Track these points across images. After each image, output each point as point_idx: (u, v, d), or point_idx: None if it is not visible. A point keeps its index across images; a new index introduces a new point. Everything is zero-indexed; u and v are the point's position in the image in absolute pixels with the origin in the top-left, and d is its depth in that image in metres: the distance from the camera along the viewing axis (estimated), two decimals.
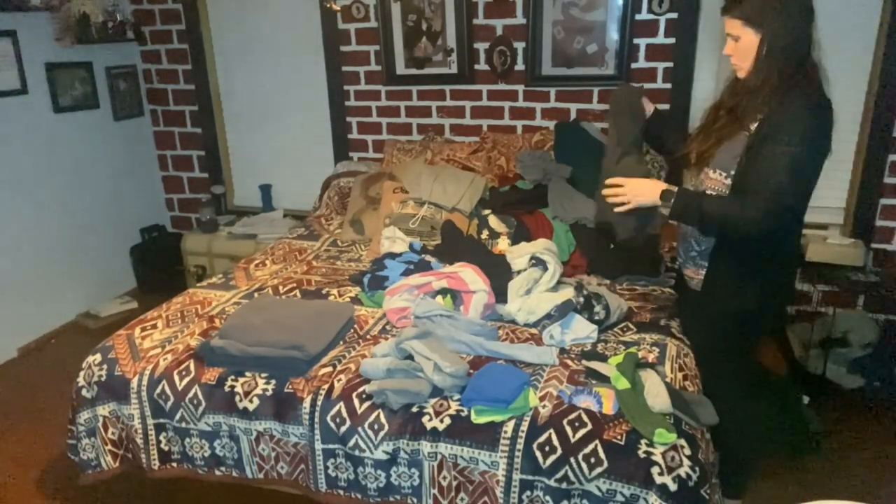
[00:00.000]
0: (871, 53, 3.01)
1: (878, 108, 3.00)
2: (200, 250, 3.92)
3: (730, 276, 1.91)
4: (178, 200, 4.53)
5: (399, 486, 1.83)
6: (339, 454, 1.87)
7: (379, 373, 1.88)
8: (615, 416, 1.72)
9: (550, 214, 2.88)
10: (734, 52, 1.82)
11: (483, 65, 3.57)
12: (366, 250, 3.00)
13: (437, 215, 3.01)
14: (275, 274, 2.76)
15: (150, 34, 4.14)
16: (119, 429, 2.11)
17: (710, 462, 1.76)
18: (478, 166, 3.37)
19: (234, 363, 2.02)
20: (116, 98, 4.04)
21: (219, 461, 2.02)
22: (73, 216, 3.81)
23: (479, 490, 1.75)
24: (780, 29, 1.72)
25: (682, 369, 1.98)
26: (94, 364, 2.13)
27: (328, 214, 3.50)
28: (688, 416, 1.73)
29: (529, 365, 1.97)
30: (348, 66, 3.82)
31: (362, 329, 2.24)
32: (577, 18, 3.34)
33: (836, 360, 2.91)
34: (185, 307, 2.44)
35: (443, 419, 1.78)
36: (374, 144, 3.96)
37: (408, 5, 3.55)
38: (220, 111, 4.24)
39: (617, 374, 1.82)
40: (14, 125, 3.41)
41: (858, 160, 3.12)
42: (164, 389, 2.02)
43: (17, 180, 3.45)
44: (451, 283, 2.33)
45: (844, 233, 3.20)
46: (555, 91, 3.51)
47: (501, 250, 2.70)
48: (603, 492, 1.63)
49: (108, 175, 4.04)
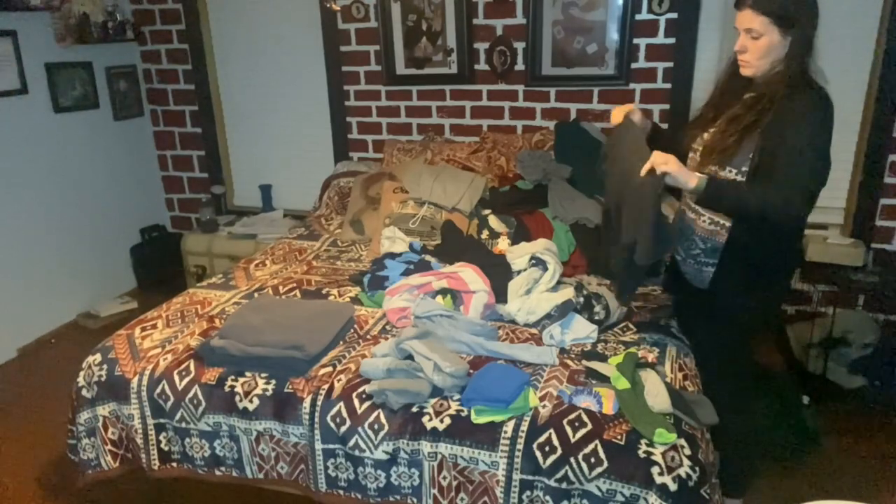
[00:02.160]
0: (871, 53, 3.01)
1: (878, 108, 3.00)
2: (200, 250, 3.92)
3: (739, 273, 1.90)
4: (178, 200, 4.53)
5: (399, 486, 1.83)
6: (339, 454, 1.87)
7: (379, 373, 1.88)
8: (615, 416, 1.72)
9: (550, 214, 2.88)
10: (750, 49, 1.77)
11: (483, 65, 3.57)
12: (366, 250, 3.00)
13: (437, 215, 3.01)
14: (275, 274, 2.76)
15: (150, 34, 4.14)
16: (119, 429, 2.11)
17: (711, 462, 1.76)
18: (478, 166, 3.37)
19: (234, 363, 2.02)
20: (116, 98, 4.04)
21: (219, 461, 2.02)
22: (74, 216, 3.81)
23: (479, 490, 1.75)
24: (803, 31, 1.72)
25: (682, 369, 1.98)
26: (94, 364, 2.13)
27: (328, 214, 3.50)
28: (688, 416, 1.73)
29: (529, 365, 1.97)
30: (348, 66, 3.82)
31: (362, 329, 2.24)
32: (577, 18, 3.34)
33: (836, 360, 2.91)
34: (185, 307, 2.44)
35: (443, 419, 1.78)
36: (374, 144, 3.96)
37: (408, 5, 3.55)
38: (220, 111, 4.24)
39: (617, 374, 1.82)
40: (14, 125, 3.41)
41: (858, 160, 3.12)
42: (164, 389, 2.02)
43: (17, 180, 3.45)
44: (451, 283, 2.33)
45: (844, 233, 3.20)
46: (555, 91, 3.51)
47: (501, 250, 2.70)
48: (603, 492, 1.63)
49: (108, 175, 4.04)
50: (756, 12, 1.73)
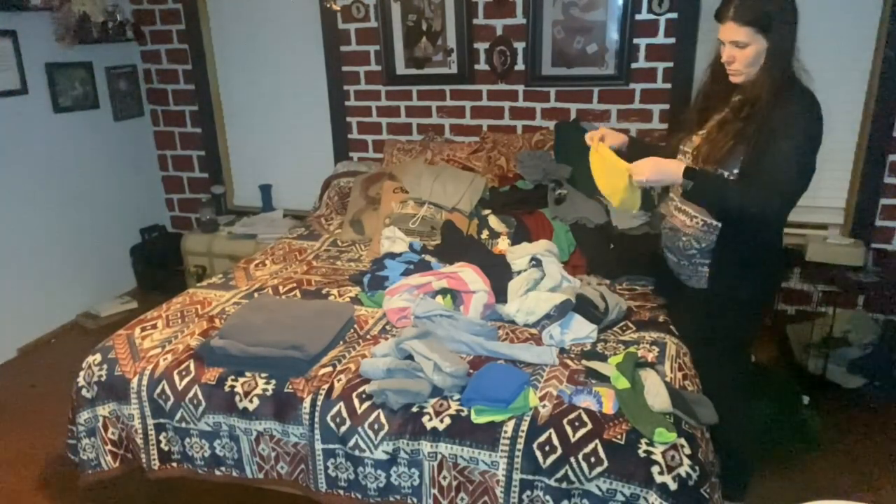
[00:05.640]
0: (871, 53, 3.01)
1: (878, 108, 3.00)
2: (200, 250, 3.92)
3: (733, 269, 1.94)
4: (178, 200, 4.53)
5: (399, 486, 1.83)
6: (339, 454, 1.87)
7: (379, 373, 1.88)
8: (615, 415, 1.72)
9: (550, 214, 2.88)
10: (738, 60, 1.81)
11: (483, 65, 3.58)
12: (366, 250, 3.00)
13: (437, 215, 3.01)
14: (275, 274, 2.76)
15: (150, 34, 4.14)
16: (119, 429, 2.11)
17: (710, 461, 1.76)
18: (478, 166, 3.37)
19: (234, 363, 2.02)
20: (116, 98, 4.04)
21: (219, 461, 2.02)
22: (73, 216, 3.81)
23: (479, 490, 1.75)
24: (785, 34, 1.75)
25: (681, 369, 1.98)
26: (94, 364, 2.13)
27: (328, 214, 3.49)
28: (688, 415, 1.73)
29: (529, 365, 1.97)
30: (348, 65, 3.82)
31: (362, 329, 2.24)
32: (577, 18, 3.34)
33: (836, 360, 2.91)
34: (185, 307, 2.44)
35: (443, 419, 1.78)
36: (374, 144, 3.96)
37: (408, 5, 3.55)
38: (220, 111, 4.24)
39: (617, 373, 1.82)
40: (14, 125, 3.41)
41: (858, 160, 3.12)
42: (164, 389, 2.02)
43: (17, 180, 3.45)
44: (450, 283, 2.33)
45: (844, 233, 3.20)
46: (555, 91, 3.51)
47: (501, 250, 2.70)
48: (603, 491, 1.63)
49: (107, 175, 4.04)
50: (739, 24, 1.76)
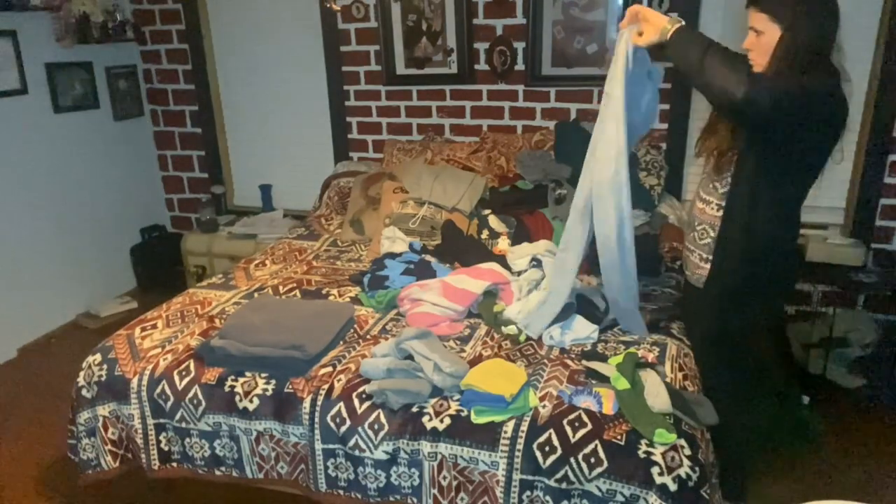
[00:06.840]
0: (871, 53, 3.01)
1: (878, 108, 3.00)
2: (200, 250, 3.92)
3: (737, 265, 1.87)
4: (178, 200, 4.53)
5: (399, 486, 1.83)
6: (339, 454, 1.87)
7: (379, 373, 1.88)
8: (615, 416, 1.72)
9: (550, 214, 2.88)
10: (755, 47, 1.76)
11: (483, 65, 3.57)
12: (366, 250, 3.00)
13: (437, 215, 3.01)
14: (275, 274, 2.76)
15: (150, 34, 4.14)
16: (119, 429, 2.11)
17: (710, 462, 1.76)
18: (478, 166, 3.37)
19: (234, 363, 2.02)
20: (116, 98, 4.04)
21: (219, 461, 2.02)
22: (74, 216, 3.81)
23: (479, 490, 1.75)
24: (802, 29, 1.67)
25: (682, 369, 1.98)
26: (94, 364, 2.13)
27: (328, 214, 3.50)
28: (688, 416, 1.73)
29: (530, 364, 1.97)
30: (348, 66, 3.82)
31: (362, 329, 2.24)
32: (577, 18, 3.33)
33: (836, 360, 2.91)
34: (185, 307, 2.44)
35: (443, 419, 1.78)
36: (374, 144, 3.96)
37: (408, 5, 3.55)
38: (220, 111, 4.24)
39: (617, 374, 1.82)
40: (14, 125, 3.41)
41: (858, 160, 3.12)
42: (164, 389, 2.02)
43: (17, 180, 3.45)
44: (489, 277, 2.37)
45: (844, 233, 3.19)
46: (555, 91, 3.50)
47: (501, 250, 2.70)
48: (603, 492, 1.63)
49: (107, 175, 4.04)
50: (756, 9, 1.74)
